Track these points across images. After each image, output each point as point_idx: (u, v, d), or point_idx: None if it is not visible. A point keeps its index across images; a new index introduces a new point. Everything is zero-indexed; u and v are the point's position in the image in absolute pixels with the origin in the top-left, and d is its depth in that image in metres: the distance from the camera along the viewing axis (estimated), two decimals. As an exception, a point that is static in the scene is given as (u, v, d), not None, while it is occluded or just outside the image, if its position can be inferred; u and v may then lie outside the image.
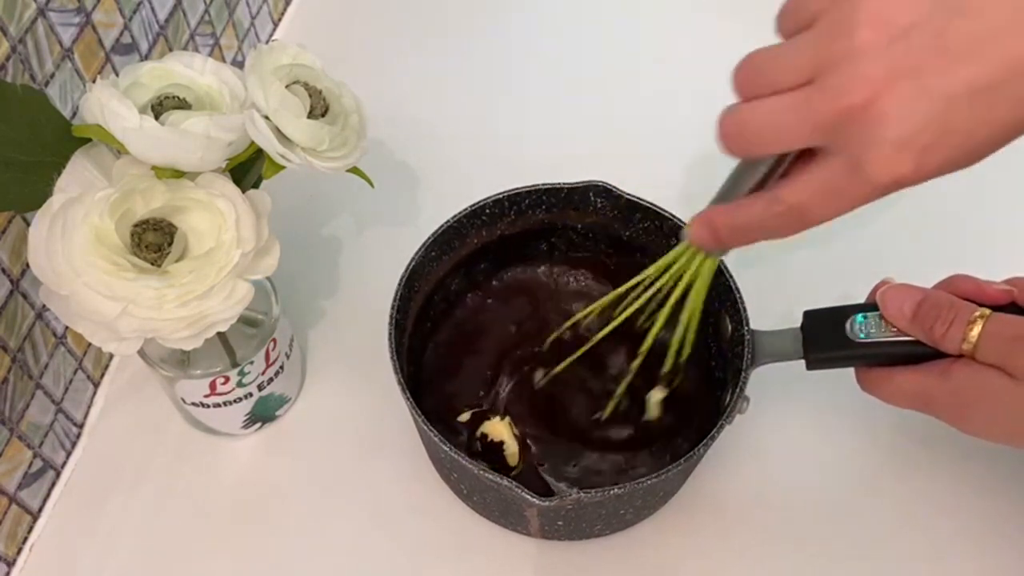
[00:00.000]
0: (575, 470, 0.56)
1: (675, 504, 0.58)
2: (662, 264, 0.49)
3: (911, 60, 0.35)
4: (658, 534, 0.57)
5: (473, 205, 0.59)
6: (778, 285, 0.62)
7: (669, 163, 0.72)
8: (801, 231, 0.41)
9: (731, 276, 0.55)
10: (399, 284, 0.55)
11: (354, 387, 0.63)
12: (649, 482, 0.48)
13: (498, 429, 0.56)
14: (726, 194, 0.44)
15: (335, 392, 0.63)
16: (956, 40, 0.35)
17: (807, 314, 0.50)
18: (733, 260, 0.55)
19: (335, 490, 0.59)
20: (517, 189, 0.59)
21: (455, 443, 0.50)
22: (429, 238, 0.57)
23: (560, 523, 0.54)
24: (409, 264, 0.56)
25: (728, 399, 0.51)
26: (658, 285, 0.50)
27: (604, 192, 0.58)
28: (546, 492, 0.51)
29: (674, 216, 0.58)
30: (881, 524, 0.57)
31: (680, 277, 0.49)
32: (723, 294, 0.55)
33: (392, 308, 0.54)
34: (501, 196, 0.59)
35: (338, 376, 0.64)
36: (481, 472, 0.48)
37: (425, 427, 0.50)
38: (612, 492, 0.48)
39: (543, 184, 0.59)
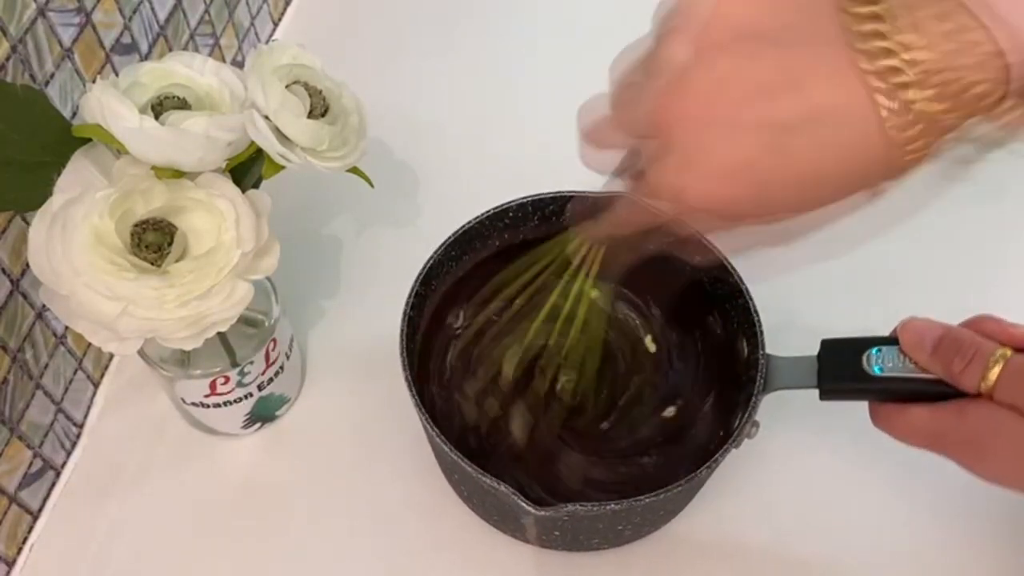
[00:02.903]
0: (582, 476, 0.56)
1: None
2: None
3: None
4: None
5: (496, 207, 0.58)
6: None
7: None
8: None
9: (751, 298, 0.53)
10: (415, 282, 0.55)
11: (354, 387, 0.63)
12: (647, 500, 0.47)
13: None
14: None
15: (335, 392, 0.63)
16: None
17: (825, 343, 0.49)
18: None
19: (335, 490, 0.59)
20: (542, 194, 0.58)
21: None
22: (450, 237, 0.57)
23: (557, 533, 0.53)
24: (427, 262, 0.55)
25: (737, 423, 0.50)
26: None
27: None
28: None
29: (697, 231, 0.56)
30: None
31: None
32: (741, 316, 0.54)
33: (407, 305, 0.54)
34: (525, 200, 0.58)
35: (338, 376, 0.64)
36: (479, 476, 0.48)
37: (428, 427, 0.50)
38: (609, 507, 0.47)
39: (569, 191, 0.58)
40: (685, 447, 0.56)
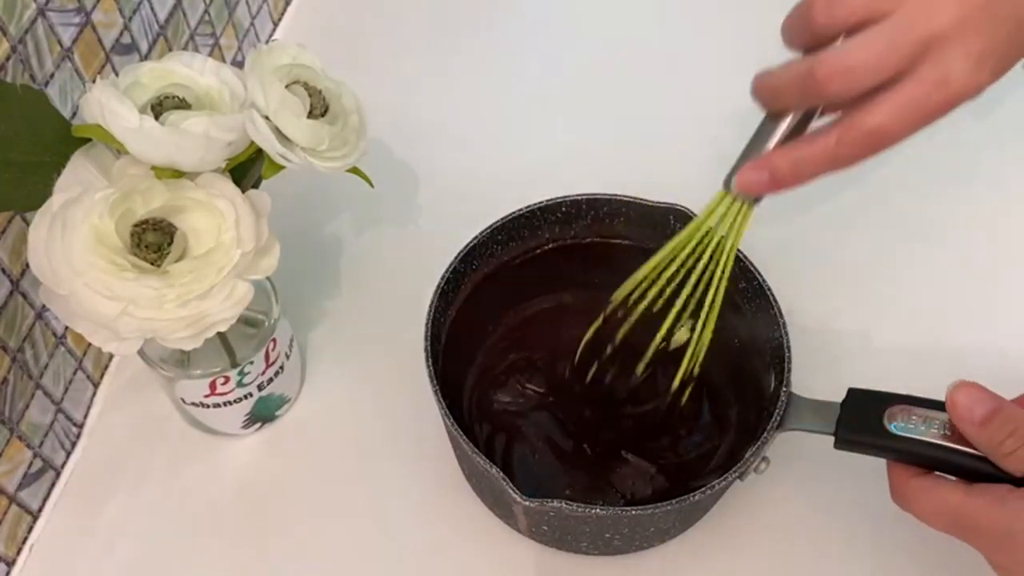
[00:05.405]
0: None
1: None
2: (695, 226, 0.49)
3: None
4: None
5: (550, 200, 0.59)
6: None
7: (671, 166, 0.72)
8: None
9: (787, 334, 0.53)
10: (455, 258, 0.56)
11: (354, 387, 0.63)
12: (634, 513, 0.47)
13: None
14: (753, 150, 0.46)
15: (335, 392, 0.63)
16: None
17: (851, 391, 0.48)
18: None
19: (334, 490, 0.59)
20: (596, 194, 0.59)
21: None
22: (498, 221, 0.58)
23: (545, 528, 0.53)
24: (470, 242, 0.57)
25: (747, 454, 0.49)
26: (689, 248, 0.49)
27: (684, 218, 0.57)
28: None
29: (747, 259, 0.56)
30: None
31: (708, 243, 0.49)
32: (775, 351, 0.53)
33: (442, 280, 0.55)
34: (579, 198, 0.59)
35: (338, 376, 0.64)
36: (474, 455, 0.48)
37: (438, 399, 0.50)
38: (593, 512, 0.47)
39: (624, 196, 0.58)
40: (697, 471, 0.57)
